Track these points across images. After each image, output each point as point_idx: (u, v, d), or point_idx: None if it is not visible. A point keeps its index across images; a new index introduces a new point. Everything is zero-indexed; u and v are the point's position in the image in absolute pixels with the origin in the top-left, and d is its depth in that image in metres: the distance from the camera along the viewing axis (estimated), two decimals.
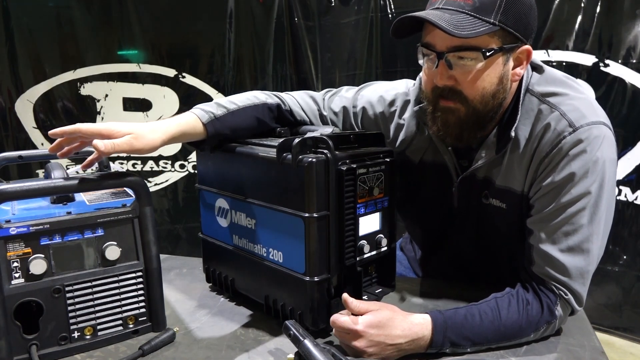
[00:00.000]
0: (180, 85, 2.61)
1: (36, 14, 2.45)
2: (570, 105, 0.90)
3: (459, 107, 0.91)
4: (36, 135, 2.58)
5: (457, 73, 0.89)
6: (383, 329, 0.83)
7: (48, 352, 0.86)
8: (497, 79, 0.90)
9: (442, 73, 0.89)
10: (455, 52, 0.87)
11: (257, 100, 1.06)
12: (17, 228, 0.83)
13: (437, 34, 0.88)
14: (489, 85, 0.90)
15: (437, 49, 0.89)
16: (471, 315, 0.87)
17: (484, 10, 0.84)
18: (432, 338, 0.85)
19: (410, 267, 1.36)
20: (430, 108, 0.95)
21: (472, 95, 0.90)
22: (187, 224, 2.76)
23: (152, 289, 0.94)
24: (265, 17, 2.58)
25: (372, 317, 0.84)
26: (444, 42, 0.87)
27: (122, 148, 0.84)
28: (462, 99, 0.90)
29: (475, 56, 0.87)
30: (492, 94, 0.90)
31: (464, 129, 0.93)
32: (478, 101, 0.90)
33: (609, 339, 2.27)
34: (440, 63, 0.89)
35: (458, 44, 0.86)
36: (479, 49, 0.86)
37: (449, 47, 0.87)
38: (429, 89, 0.95)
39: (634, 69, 2.07)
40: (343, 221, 0.91)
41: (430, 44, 0.90)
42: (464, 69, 0.88)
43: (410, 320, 0.85)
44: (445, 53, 0.87)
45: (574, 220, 0.88)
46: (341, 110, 1.14)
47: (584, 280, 0.90)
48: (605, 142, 0.88)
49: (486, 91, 0.90)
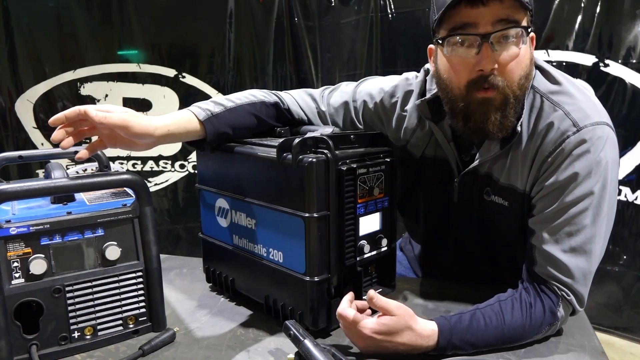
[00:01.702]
0: (180, 85, 2.61)
1: (36, 14, 2.45)
2: (574, 105, 0.89)
3: (497, 96, 0.87)
4: (36, 135, 2.58)
5: (499, 55, 0.85)
6: (389, 336, 0.82)
7: (48, 352, 0.86)
8: (529, 60, 0.89)
9: (489, 56, 0.84)
10: (500, 32, 0.83)
11: (255, 98, 1.06)
12: (17, 228, 0.83)
13: (480, 14, 0.83)
14: (525, 67, 0.88)
15: (480, 31, 0.84)
16: (476, 320, 0.86)
17: None
18: (435, 346, 0.84)
19: (410, 267, 1.36)
20: (462, 105, 0.90)
21: (512, 79, 0.87)
22: (187, 224, 2.76)
23: (152, 289, 0.94)
24: (265, 17, 2.58)
25: (383, 323, 0.82)
26: (489, 21, 0.83)
27: (113, 119, 0.85)
28: (501, 86, 0.86)
29: (519, 35, 0.85)
30: (526, 76, 0.89)
31: (505, 116, 0.89)
32: (517, 85, 0.87)
33: (609, 339, 2.27)
34: (484, 46, 0.84)
35: (504, 17, 0.83)
36: (521, 26, 0.84)
37: (496, 25, 0.83)
38: (463, 82, 0.88)
39: (634, 69, 2.07)
40: (343, 221, 0.91)
41: (471, 23, 0.84)
42: (509, 50, 0.85)
43: (419, 332, 0.83)
44: (492, 33, 0.83)
45: (576, 220, 0.88)
46: (341, 106, 1.13)
47: (586, 281, 0.90)
48: (608, 143, 0.88)
49: (523, 73, 0.88)
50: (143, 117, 0.89)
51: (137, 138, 0.89)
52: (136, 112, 0.89)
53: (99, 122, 0.85)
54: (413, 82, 1.09)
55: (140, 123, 0.88)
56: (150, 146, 0.92)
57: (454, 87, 0.91)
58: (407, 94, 1.09)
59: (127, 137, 0.88)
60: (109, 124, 0.85)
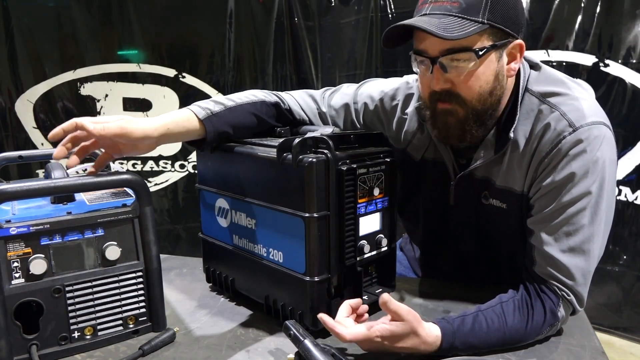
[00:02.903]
0: (180, 85, 2.61)
1: (36, 14, 2.45)
2: (571, 105, 0.90)
3: (457, 108, 0.91)
4: (36, 135, 2.58)
5: (452, 76, 0.89)
6: (392, 340, 0.82)
7: (48, 352, 0.86)
8: (493, 76, 0.90)
9: (437, 77, 0.90)
10: (448, 55, 0.87)
11: (255, 97, 1.06)
12: (17, 228, 0.83)
13: (429, 40, 0.88)
14: (485, 84, 0.90)
15: (430, 55, 0.89)
16: (479, 323, 0.86)
17: (471, 11, 0.85)
18: (437, 350, 0.84)
19: (410, 267, 1.36)
20: (429, 113, 0.96)
21: (470, 95, 0.90)
22: (187, 224, 2.76)
23: (152, 289, 0.94)
24: (265, 17, 2.58)
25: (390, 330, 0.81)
26: (436, 47, 0.88)
27: (111, 129, 0.86)
28: (459, 101, 0.91)
29: (468, 57, 0.87)
30: (489, 91, 0.91)
31: (465, 129, 0.93)
32: (476, 100, 0.91)
33: (609, 339, 2.27)
34: (434, 68, 0.89)
35: (450, 47, 0.86)
36: (471, 49, 0.86)
37: (442, 51, 0.87)
38: (426, 95, 0.95)
39: (634, 69, 2.07)
40: (343, 221, 0.91)
41: (422, 50, 0.90)
42: (459, 70, 0.88)
43: (424, 339, 0.82)
44: (439, 57, 0.88)
45: (574, 220, 0.88)
46: (342, 107, 1.14)
47: (586, 281, 0.90)
48: (605, 142, 0.88)
49: (483, 90, 0.90)
50: (140, 120, 0.90)
51: (138, 142, 0.90)
52: (131, 117, 0.90)
53: (98, 134, 0.86)
54: (414, 85, 1.09)
55: (138, 127, 0.89)
56: (152, 147, 0.93)
57: (423, 96, 0.97)
58: (408, 97, 1.09)
59: (128, 143, 0.89)
60: (107, 135, 0.86)
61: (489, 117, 0.94)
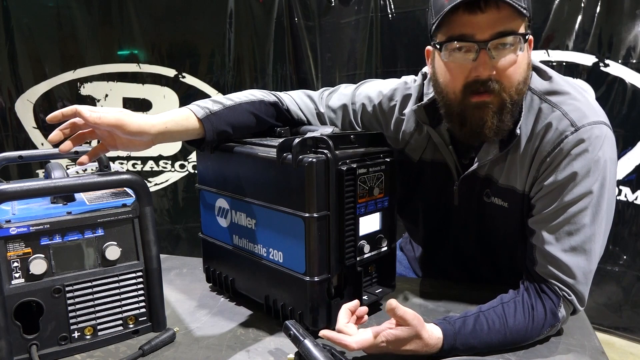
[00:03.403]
0: (180, 85, 2.61)
1: (36, 14, 2.45)
2: (572, 105, 0.90)
3: (493, 100, 0.88)
4: (36, 135, 2.58)
5: (497, 62, 0.85)
6: (396, 344, 0.82)
7: (48, 352, 0.86)
8: (527, 65, 0.89)
9: (486, 63, 0.85)
10: (500, 39, 0.84)
11: (254, 97, 1.06)
12: (17, 228, 0.83)
13: (477, 22, 0.83)
14: (523, 72, 0.88)
15: (479, 38, 0.84)
16: (480, 324, 0.86)
17: None
18: (439, 352, 0.84)
19: (410, 267, 1.36)
20: (457, 110, 0.91)
21: (510, 84, 0.87)
22: (187, 224, 2.76)
23: (152, 289, 0.94)
24: (265, 17, 2.58)
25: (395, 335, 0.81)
26: (487, 30, 0.83)
27: (107, 119, 0.85)
28: (498, 90, 0.87)
29: (517, 42, 0.85)
30: (524, 81, 0.89)
31: (503, 120, 0.89)
32: (514, 90, 0.88)
33: (609, 339, 2.27)
34: (482, 53, 0.84)
35: (502, 30, 0.83)
36: (519, 34, 0.85)
37: (494, 34, 0.83)
38: (458, 87, 0.89)
39: (634, 69, 2.07)
40: (343, 221, 0.91)
41: (468, 34, 0.85)
42: (507, 57, 0.85)
43: (426, 342, 0.82)
44: (489, 41, 0.83)
45: (576, 219, 0.88)
46: (340, 108, 1.13)
47: (587, 281, 0.90)
48: (606, 142, 0.88)
49: (521, 78, 0.88)
50: (138, 115, 0.89)
51: (133, 136, 0.88)
52: (131, 111, 0.89)
53: (94, 122, 0.85)
54: (411, 86, 1.09)
55: (135, 121, 0.88)
56: (148, 144, 0.92)
57: (450, 91, 0.91)
58: (406, 97, 1.09)
59: (124, 137, 0.88)
60: (103, 124, 0.85)
61: (521, 109, 0.92)
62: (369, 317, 0.94)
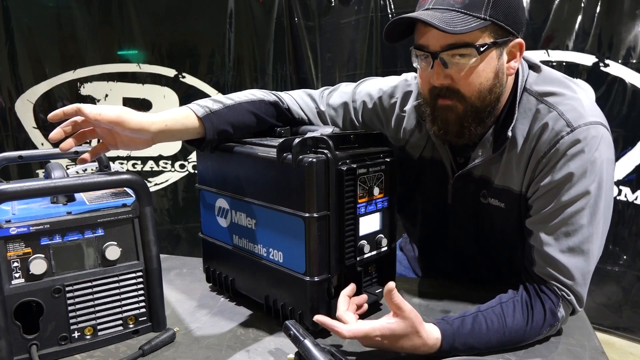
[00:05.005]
0: (180, 85, 2.61)
1: (36, 14, 2.45)
2: (568, 105, 0.90)
3: (456, 104, 0.91)
4: (36, 135, 2.58)
5: (452, 71, 0.89)
6: (392, 339, 0.82)
7: (48, 352, 0.86)
8: (493, 73, 0.90)
9: (438, 73, 0.90)
10: (449, 51, 0.87)
11: (254, 96, 1.06)
12: (17, 228, 0.83)
13: (431, 34, 0.88)
14: (485, 81, 0.90)
15: (431, 49, 0.89)
16: (478, 324, 0.86)
17: (473, 7, 0.85)
18: (437, 351, 0.83)
19: (410, 267, 1.36)
20: (429, 109, 0.96)
21: (470, 91, 0.90)
22: (187, 224, 2.76)
23: (152, 289, 0.94)
24: (265, 17, 2.58)
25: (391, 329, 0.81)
26: (438, 42, 0.88)
27: (108, 115, 0.85)
28: (459, 97, 0.91)
29: (469, 52, 0.87)
30: (488, 89, 0.91)
31: (464, 125, 0.93)
32: (476, 97, 0.91)
33: (609, 339, 2.27)
34: (435, 63, 0.89)
35: (452, 42, 0.86)
36: (472, 45, 0.86)
37: (443, 46, 0.87)
38: (426, 90, 0.95)
39: (634, 69, 2.07)
40: (343, 221, 0.91)
41: (423, 45, 0.90)
42: (459, 66, 0.88)
43: (424, 341, 0.82)
44: (440, 52, 0.88)
45: (573, 220, 0.88)
46: (341, 106, 1.14)
47: (585, 281, 0.90)
48: (602, 142, 0.88)
49: (483, 87, 0.90)
50: (138, 113, 0.90)
51: (133, 134, 0.89)
52: (132, 109, 0.89)
53: (94, 119, 0.85)
54: (412, 83, 1.09)
55: (135, 118, 0.88)
56: (148, 143, 0.92)
57: (423, 92, 0.96)
58: (406, 94, 1.09)
59: (124, 134, 0.88)
60: (104, 120, 0.85)
61: (487, 115, 0.94)
62: (369, 317, 0.94)
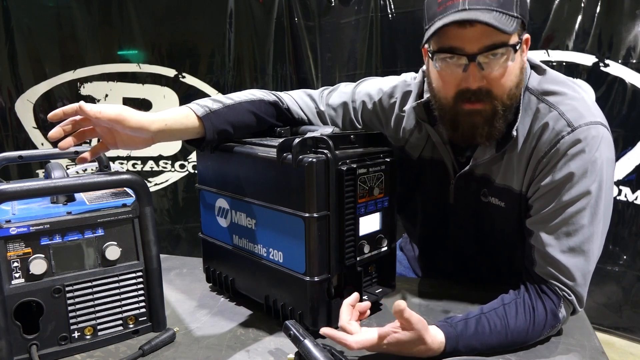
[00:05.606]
0: (180, 85, 2.61)
1: (36, 14, 2.45)
2: (569, 105, 0.90)
3: (485, 107, 0.89)
4: (36, 135, 2.58)
5: (487, 73, 0.87)
6: (399, 347, 0.81)
7: (48, 352, 0.86)
8: (519, 70, 0.90)
9: (474, 75, 0.86)
10: (488, 52, 0.85)
11: (254, 96, 1.06)
12: (17, 228, 0.83)
13: (468, 36, 0.84)
14: (515, 78, 0.89)
15: (468, 52, 0.85)
16: (482, 326, 0.85)
17: (507, 5, 0.84)
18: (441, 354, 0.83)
19: (410, 267, 1.36)
20: (449, 115, 0.92)
21: (502, 91, 0.88)
22: (187, 224, 2.76)
23: (152, 289, 0.94)
24: (265, 17, 2.58)
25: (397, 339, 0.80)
26: (477, 43, 0.84)
27: (108, 113, 0.85)
28: (490, 98, 0.88)
29: (506, 52, 0.85)
30: (516, 85, 0.90)
31: (494, 126, 0.90)
32: (506, 96, 0.89)
33: (609, 339, 2.27)
34: (471, 65, 0.86)
35: (490, 43, 0.84)
36: (509, 45, 0.85)
37: (481, 48, 0.84)
38: (450, 94, 0.90)
39: (634, 69, 2.07)
40: (343, 221, 0.91)
41: (457, 47, 0.86)
42: (496, 68, 0.86)
43: (429, 346, 0.81)
44: (477, 54, 0.85)
45: (574, 220, 0.88)
46: (340, 106, 1.13)
47: (585, 281, 0.90)
48: (603, 142, 0.88)
49: (513, 84, 0.89)
50: (138, 112, 0.89)
51: (133, 132, 0.88)
52: (132, 108, 0.89)
53: (94, 116, 0.85)
54: (412, 83, 1.09)
55: (135, 116, 0.88)
56: (148, 142, 0.92)
57: (442, 97, 0.92)
58: (406, 94, 1.09)
59: (124, 133, 0.88)
60: (104, 118, 0.85)
61: (513, 111, 0.92)
62: (369, 317, 0.94)
